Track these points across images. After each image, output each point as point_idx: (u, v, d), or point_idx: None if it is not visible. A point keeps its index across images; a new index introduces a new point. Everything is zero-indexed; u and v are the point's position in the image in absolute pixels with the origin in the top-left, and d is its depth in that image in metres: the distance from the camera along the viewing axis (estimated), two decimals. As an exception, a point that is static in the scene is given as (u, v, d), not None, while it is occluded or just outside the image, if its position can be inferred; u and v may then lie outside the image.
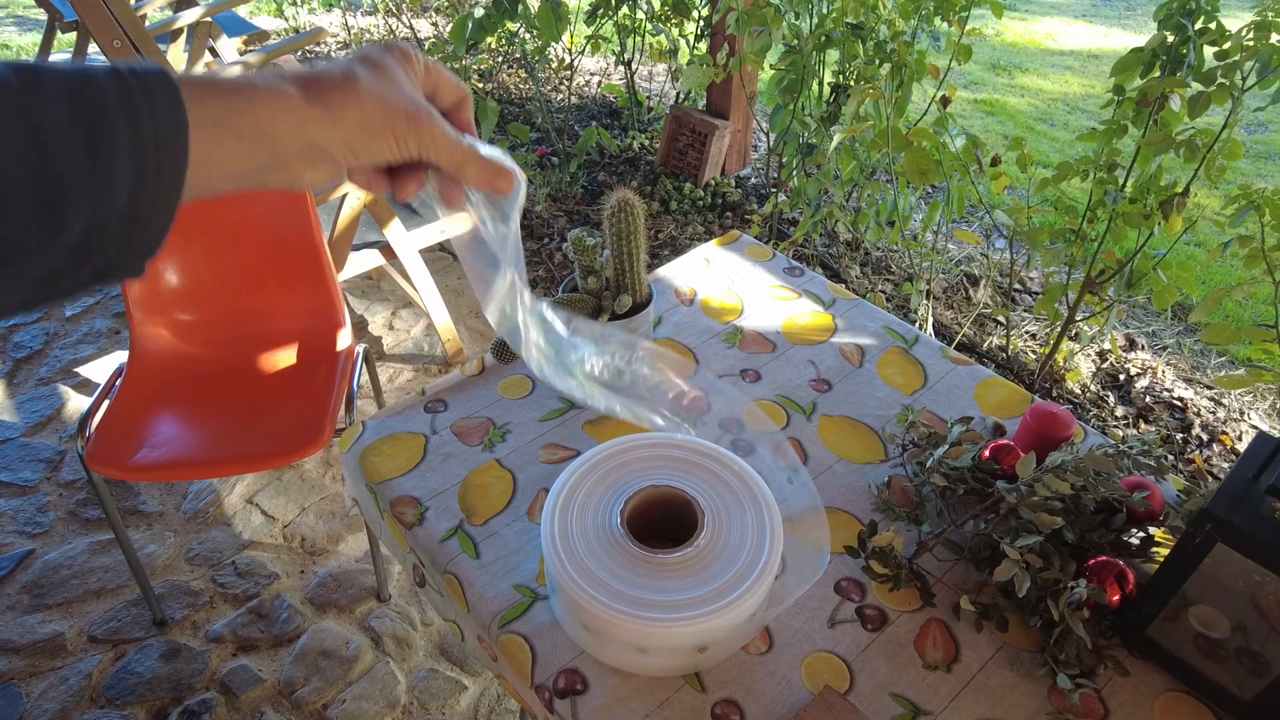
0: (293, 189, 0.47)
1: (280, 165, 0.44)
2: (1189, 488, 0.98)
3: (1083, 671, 0.80)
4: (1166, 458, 0.95)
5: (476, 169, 0.51)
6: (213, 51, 3.20)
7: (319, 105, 0.44)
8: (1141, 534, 0.92)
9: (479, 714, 1.57)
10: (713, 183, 3.14)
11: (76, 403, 2.28)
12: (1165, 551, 0.91)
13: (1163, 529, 0.93)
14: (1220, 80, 1.64)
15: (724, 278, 1.33)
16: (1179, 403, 2.19)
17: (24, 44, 4.83)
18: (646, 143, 3.49)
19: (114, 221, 0.38)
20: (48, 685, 1.60)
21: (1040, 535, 0.85)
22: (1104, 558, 0.87)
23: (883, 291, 2.57)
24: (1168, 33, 1.72)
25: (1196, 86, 1.68)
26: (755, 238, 1.44)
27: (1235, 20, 1.62)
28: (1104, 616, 0.85)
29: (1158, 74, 1.76)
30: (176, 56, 3.11)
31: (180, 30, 3.06)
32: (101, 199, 0.37)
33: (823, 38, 2.18)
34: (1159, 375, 2.29)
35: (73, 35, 3.33)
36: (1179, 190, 1.76)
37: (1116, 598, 0.83)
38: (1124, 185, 1.86)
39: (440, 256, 2.85)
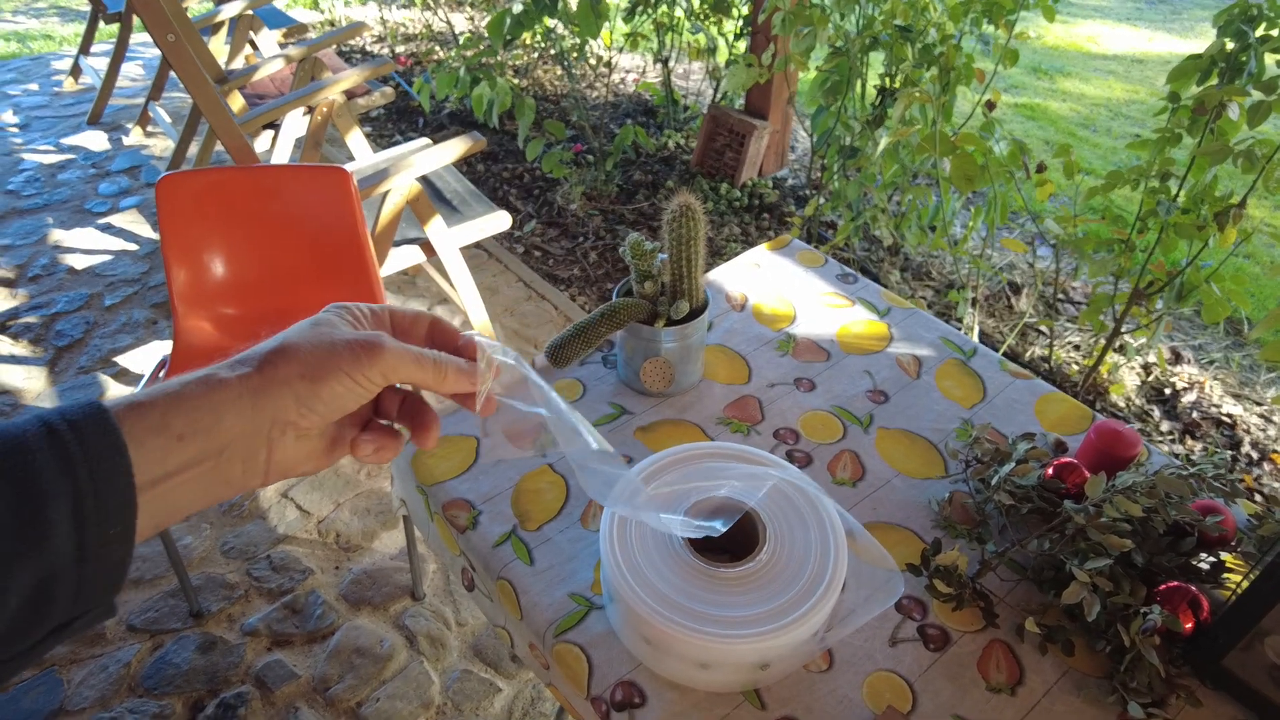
0: (269, 479, 0.44)
1: (240, 454, 0.41)
2: (1261, 512, 0.95)
3: (1154, 700, 0.78)
4: (1240, 481, 0.92)
5: (454, 373, 0.48)
6: (253, 44, 3.22)
7: (254, 377, 0.41)
8: (1212, 559, 0.89)
9: (513, 716, 1.56)
10: (749, 183, 3.11)
11: (115, 392, 2.30)
12: (1236, 578, 0.88)
13: (1234, 554, 0.90)
14: (1283, 88, 1.59)
15: (775, 283, 1.31)
16: (1227, 419, 2.14)
17: (66, 34, 4.90)
18: (682, 141, 3.47)
19: (62, 571, 0.35)
20: (88, 673, 1.62)
21: (1110, 558, 0.82)
22: (1175, 583, 0.84)
23: (923, 297, 2.54)
24: (1227, 39, 1.68)
25: (1257, 95, 1.63)
26: (800, 241, 1.42)
27: (1301, 28, 1.58)
28: (1174, 644, 0.83)
29: (1215, 81, 1.71)
30: (218, 49, 3.13)
31: (222, 23, 3.08)
32: (41, 555, 0.34)
33: (870, 40, 2.15)
34: (1206, 390, 2.24)
35: (115, 26, 3.36)
36: (1234, 201, 1.72)
37: (1190, 626, 0.81)
38: (1176, 195, 1.81)
39: (477, 254, 2.85)
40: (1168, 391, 2.23)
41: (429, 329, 0.50)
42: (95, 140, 3.61)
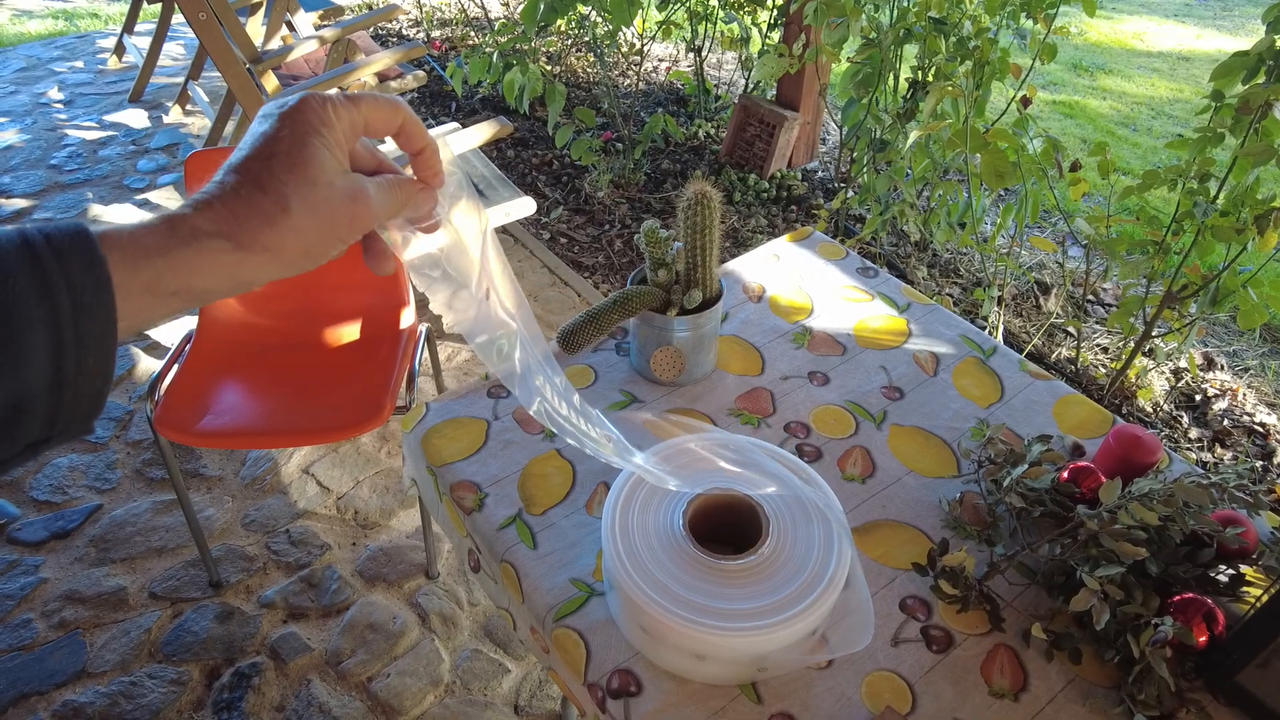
0: None
1: (219, 299, 0.44)
2: (1285, 525, 0.92)
3: (1163, 714, 0.76)
4: (1269, 492, 0.89)
5: (411, 209, 0.51)
6: (290, 26, 3.25)
7: (256, 252, 0.42)
8: (1231, 571, 0.87)
9: (520, 698, 1.57)
10: (778, 175, 3.08)
11: (145, 364, 2.35)
12: (1256, 591, 0.86)
13: (1255, 567, 0.88)
14: (1333, 90, 1.54)
15: (794, 275, 1.30)
16: (1260, 428, 2.09)
17: (112, 13, 4.98)
18: (712, 131, 3.45)
19: (37, 395, 0.35)
20: (110, 637, 1.66)
21: (1122, 566, 0.81)
22: (1190, 594, 0.82)
23: (950, 295, 2.50)
24: (1277, 36, 1.62)
25: (1305, 95, 1.58)
26: (821, 233, 1.40)
27: (1354, 26, 1.52)
28: (1187, 657, 0.81)
29: (1262, 79, 1.66)
30: (255, 30, 3.17)
31: (260, 4, 3.11)
32: (15, 379, 0.34)
33: (903, 31, 2.12)
34: (1239, 398, 2.19)
35: (159, 6, 3.41)
36: (1277, 204, 1.67)
37: (1204, 639, 0.79)
38: (1215, 197, 1.76)
39: (502, 239, 2.86)
40: (1198, 398, 2.17)
41: (401, 128, 0.50)
42: (136, 118, 3.68)
